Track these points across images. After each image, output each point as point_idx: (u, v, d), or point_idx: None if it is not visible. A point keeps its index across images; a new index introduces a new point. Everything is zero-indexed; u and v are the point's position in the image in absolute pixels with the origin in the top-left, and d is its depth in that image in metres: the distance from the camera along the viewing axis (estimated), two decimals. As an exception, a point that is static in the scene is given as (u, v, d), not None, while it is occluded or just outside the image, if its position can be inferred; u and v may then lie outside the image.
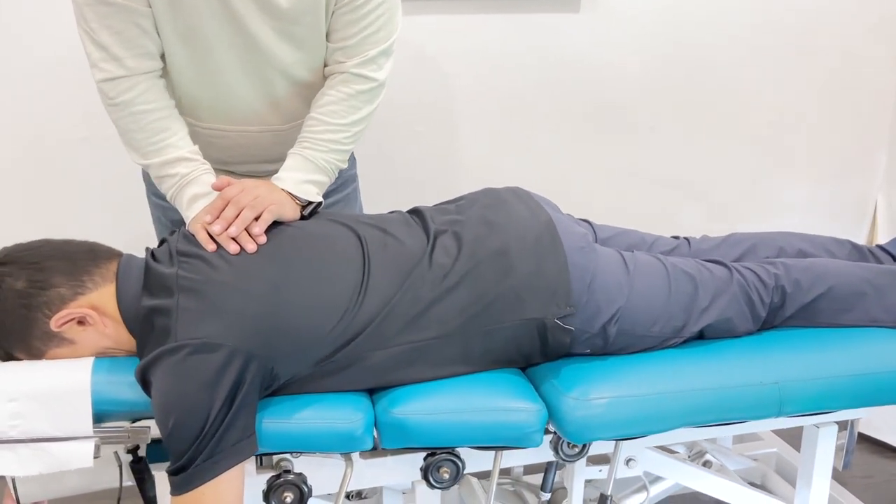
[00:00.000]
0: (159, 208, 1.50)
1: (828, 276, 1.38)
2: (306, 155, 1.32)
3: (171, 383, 1.04)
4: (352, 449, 1.16)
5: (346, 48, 1.31)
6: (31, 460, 1.07)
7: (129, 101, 1.25)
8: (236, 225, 1.17)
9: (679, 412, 1.21)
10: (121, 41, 1.22)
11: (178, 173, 1.28)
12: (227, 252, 1.15)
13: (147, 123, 1.27)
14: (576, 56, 2.04)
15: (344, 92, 1.32)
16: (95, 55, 1.23)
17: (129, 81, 1.25)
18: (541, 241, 1.23)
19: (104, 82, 1.24)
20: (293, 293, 1.12)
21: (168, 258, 1.16)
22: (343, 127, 1.33)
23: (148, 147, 1.28)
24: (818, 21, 2.14)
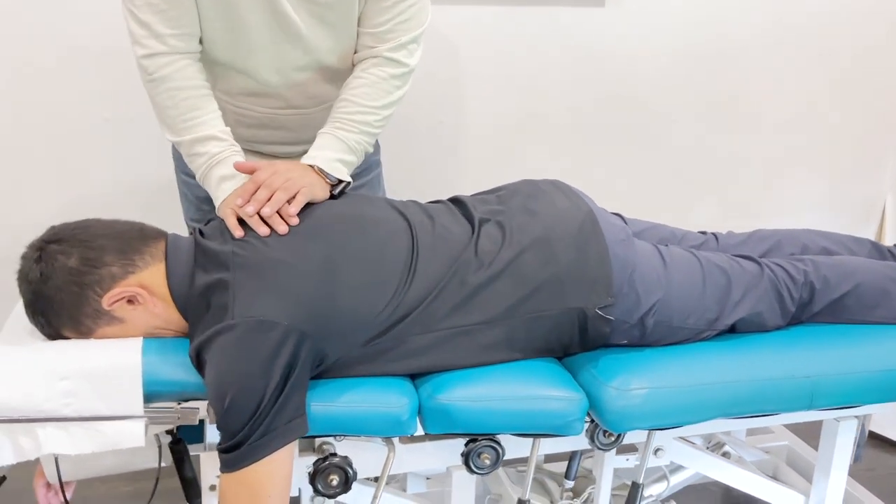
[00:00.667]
0: (186, 185, 1.52)
1: (855, 274, 1.42)
2: (338, 135, 1.33)
3: (228, 361, 1.04)
4: (397, 433, 1.17)
5: (379, 34, 1.33)
6: (82, 439, 1.08)
7: (166, 77, 1.27)
8: (269, 206, 1.17)
9: (716, 403, 1.24)
10: (164, 20, 1.24)
11: (208, 152, 1.28)
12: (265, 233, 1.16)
13: (181, 100, 1.28)
14: (599, 50, 2.05)
15: (376, 75, 1.34)
16: (138, 32, 1.25)
17: (168, 58, 1.26)
18: (583, 232, 1.25)
19: (145, 58, 1.26)
20: (347, 274, 1.14)
21: (220, 235, 1.17)
22: (374, 109, 1.35)
23: (180, 124, 1.29)
24: (834, 23, 2.17)
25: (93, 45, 1.81)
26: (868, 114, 2.29)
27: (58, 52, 1.80)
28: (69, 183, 1.90)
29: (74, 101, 1.84)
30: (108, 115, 1.87)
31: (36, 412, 1.06)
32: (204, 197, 1.46)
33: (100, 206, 1.92)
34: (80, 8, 1.78)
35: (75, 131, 1.87)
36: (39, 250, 1.12)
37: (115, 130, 1.89)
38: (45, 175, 1.88)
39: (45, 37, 1.79)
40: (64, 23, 1.78)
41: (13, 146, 1.85)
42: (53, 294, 1.11)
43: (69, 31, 1.79)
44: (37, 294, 1.11)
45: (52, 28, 1.78)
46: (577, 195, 1.34)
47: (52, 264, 1.11)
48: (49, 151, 1.87)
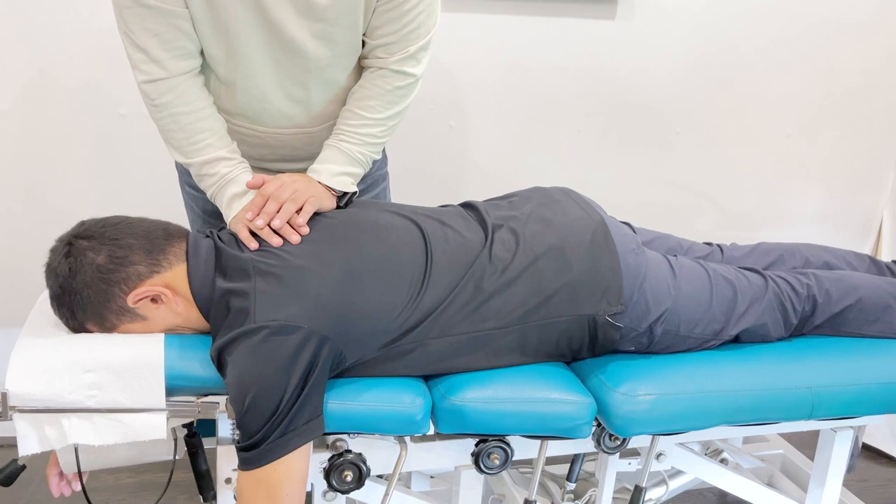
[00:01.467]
0: (191, 197, 1.51)
1: (857, 289, 1.46)
2: (342, 147, 1.33)
3: (250, 363, 1.07)
4: (410, 432, 1.20)
5: (388, 45, 1.30)
6: (106, 430, 1.10)
7: (168, 103, 1.26)
8: (279, 218, 1.20)
9: (721, 411, 1.27)
10: (160, 43, 1.21)
11: (218, 173, 1.29)
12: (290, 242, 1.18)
13: (187, 124, 1.28)
14: (608, 61, 2.09)
15: (382, 87, 1.33)
16: (136, 57, 1.23)
17: (169, 83, 1.25)
18: (595, 241, 1.28)
19: (145, 84, 1.25)
20: (365, 279, 1.16)
21: (237, 243, 1.20)
22: (379, 121, 1.34)
23: (188, 147, 1.29)
24: (838, 41, 2.22)
25: (109, 41, 1.83)
26: (868, 130, 2.33)
27: (74, 48, 1.82)
28: (86, 177, 1.92)
29: (90, 97, 1.87)
30: (123, 111, 1.90)
31: (61, 403, 1.09)
32: (211, 210, 1.47)
33: (117, 200, 1.94)
34: (95, 3, 1.80)
35: (91, 127, 1.89)
36: (69, 245, 1.14)
37: (130, 126, 1.91)
38: (62, 170, 1.91)
39: (62, 33, 1.81)
40: (80, 18, 1.80)
41: (30, 141, 1.87)
42: (81, 289, 1.13)
43: (85, 26, 1.81)
44: (64, 288, 1.14)
45: (69, 24, 1.80)
46: (588, 204, 1.37)
47: (81, 260, 1.13)
48: (65, 147, 1.89)
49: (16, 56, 1.80)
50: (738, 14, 2.12)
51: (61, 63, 1.83)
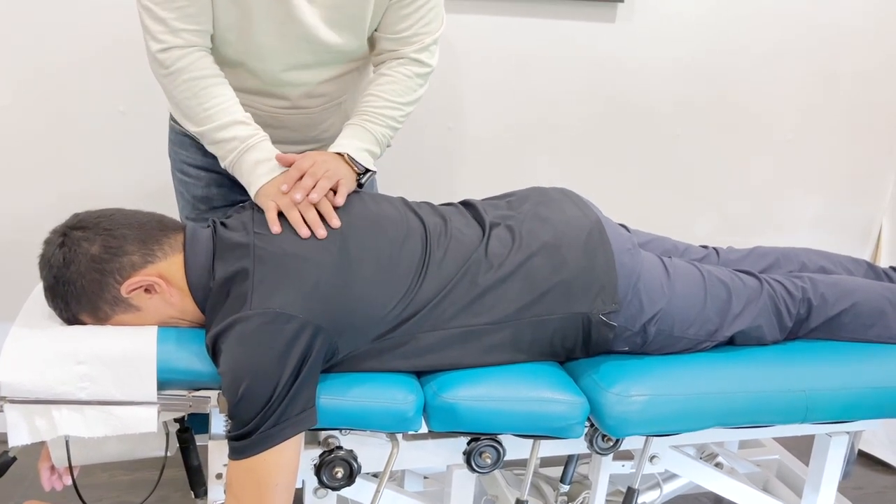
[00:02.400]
0: (183, 184, 1.54)
1: (853, 293, 1.45)
2: (367, 126, 1.38)
3: (244, 351, 1.07)
4: (402, 429, 1.20)
5: (403, 38, 1.39)
6: (97, 422, 1.10)
7: (183, 68, 1.27)
8: (316, 192, 1.21)
9: (714, 413, 1.27)
10: (181, 16, 1.25)
11: (237, 136, 1.29)
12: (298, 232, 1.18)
13: (201, 89, 1.29)
14: (608, 64, 2.09)
15: (403, 73, 1.40)
16: (154, 28, 1.25)
17: (183, 50, 1.27)
18: (591, 240, 1.28)
19: (160, 52, 1.26)
20: (363, 271, 1.17)
21: (242, 228, 1.19)
22: (400, 105, 1.40)
23: (202, 113, 1.30)
24: (838, 47, 2.22)
25: (110, 37, 1.83)
26: (867, 136, 2.33)
27: (74, 45, 1.83)
28: (86, 174, 1.92)
29: (91, 94, 1.87)
30: (123, 107, 1.90)
31: (52, 394, 1.09)
32: (201, 196, 1.51)
33: (116, 196, 1.95)
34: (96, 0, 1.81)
35: (91, 123, 1.89)
36: (63, 236, 1.15)
37: (130, 123, 1.91)
38: (63, 166, 1.91)
39: (62, 29, 1.81)
40: (81, 15, 1.81)
41: (30, 137, 1.88)
42: (75, 279, 1.13)
43: (86, 23, 1.82)
44: (58, 278, 1.14)
45: (69, 20, 1.81)
46: (585, 203, 1.37)
47: (75, 250, 1.13)
48: (65, 143, 1.90)
49: (16, 52, 1.81)
50: (738, 18, 2.13)
51: (62, 60, 1.83)
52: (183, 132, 1.49)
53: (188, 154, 1.50)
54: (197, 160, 1.50)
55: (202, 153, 1.47)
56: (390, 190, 1.94)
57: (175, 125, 1.52)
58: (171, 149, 1.55)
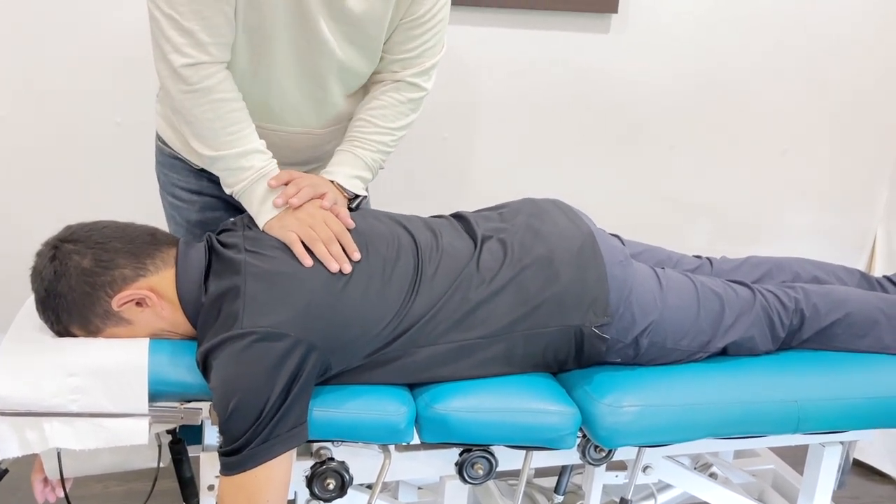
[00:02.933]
0: (175, 208, 1.49)
1: (845, 304, 1.45)
2: (356, 153, 1.37)
3: (235, 368, 1.07)
4: (394, 441, 1.20)
5: (406, 59, 1.36)
6: (88, 434, 1.10)
7: (210, 88, 1.22)
8: (298, 198, 1.23)
9: (706, 423, 1.27)
10: (207, 27, 1.19)
11: (254, 166, 1.26)
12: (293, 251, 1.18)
13: (225, 112, 1.24)
14: (602, 74, 2.10)
15: (396, 98, 1.38)
16: (179, 40, 1.18)
17: (212, 68, 1.22)
18: (583, 252, 1.29)
19: (186, 67, 1.20)
20: (355, 288, 1.17)
21: (235, 245, 1.20)
22: (391, 130, 1.39)
23: (224, 137, 1.25)
24: (832, 57, 2.23)
25: (106, 49, 1.84)
26: (861, 146, 2.34)
27: (71, 57, 1.84)
28: (82, 185, 1.93)
29: (87, 105, 1.88)
30: (119, 119, 1.91)
31: (43, 407, 1.09)
32: (196, 221, 1.46)
33: (111, 207, 1.95)
34: (94, 12, 1.81)
35: (87, 134, 1.90)
36: (55, 248, 1.15)
37: (126, 134, 1.92)
38: (59, 177, 1.91)
39: (58, 41, 1.82)
40: (76, 26, 1.82)
41: (26, 148, 1.88)
42: (65, 292, 1.13)
43: (82, 35, 1.82)
44: (49, 291, 1.14)
45: (65, 32, 1.82)
46: (577, 215, 1.38)
47: (67, 263, 1.13)
48: (61, 154, 1.90)
49: (11, 63, 1.82)
50: (732, 30, 2.14)
51: (58, 71, 1.84)
52: (174, 155, 1.45)
53: (180, 177, 1.46)
54: (190, 184, 1.46)
55: (195, 176, 1.45)
56: (385, 199, 1.95)
57: (165, 147, 1.46)
58: (160, 170, 1.50)
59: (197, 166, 1.44)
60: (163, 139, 1.46)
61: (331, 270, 1.16)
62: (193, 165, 1.44)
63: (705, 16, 2.11)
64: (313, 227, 1.20)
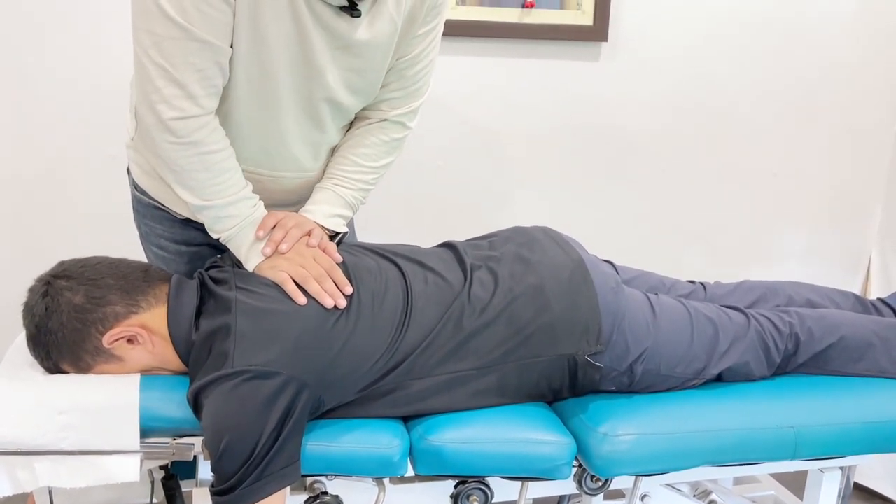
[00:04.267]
0: (162, 260, 1.43)
1: (840, 327, 1.45)
2: (337, 191, 1.35)
3: (226, 406, 1.06)
4: (388, 474, 1.19)
5: (395, 99, 1.35)
6: (79, 472, 1.09)
7: (199, 141, 1.18)
8: (287, 242, 1.22)
9: (702, 451, 1.26)
10: (200, 79, 1.14)
11: (240, 214, 1.24)
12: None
13: (213, 163, 1.21)
14: (593, 102, 2.11)
15: (380, 138, 1.37)
16: (168, 91, 1.13)
17: (201, 121, 1.18)
18: (574, 280, 1.29)
19: (176, 121, 1.15)
20: (345, 323, 1.16)
21: (226, 282, 1.19)
22: (373, 169, 1.37)
23: (211, 188, 1.22)
24: (821, 81, 2.25)
25: (99, 83, 1.85)
26: (853, 169, 2.35)
27: (63, 90, 1.85)
28: (75, 218, 1.93)
29: (80, 138, 1.88)
30: (113, 151, 1.91)
31: (33, 445, 1.08)
32: (185, 272, 1.38)
33: (105, 242, 1.94)
34: (86, 45, 1.82)
35: (81, 168, 1.90)
36: (47, 284, 1.15)
37: (120, 167, 1.92)
38: (52, 210, 1.92)
39: (51, 74, 1.83)
40: (71, 62, 1.83)
41: (19, 182, 1.89)
42: (56, 329, 1.13)
43: (74, 68, 1.83)
44: (40, 328, 1.14)
45: (60, 66, 1.83)
46: (567, 243, 1.38)
47: (58, 300, 1.13)
48: (55, 187, 1.91)
49: (7, 97, 1.83)
50: (721, 56, 2.16)
51: (50, 105, 1.85)
52: (155, 205, 1.38)
53: (163, 228, 1.40)
54: (176, 234, 1.40)
55: (181, 226, 1.39)
56: (380, 227, 1.95)
57: (143, 196, 1.40)
58: (140, 221, 1.44)
59: (181, 216, 1.38)
60: (141, 188, 1.40)
61: (325, 306, 1.16)
62: (177, 215, 1.39)
63: (694, 42, 2.13)
64: (304, 265, 1.19)
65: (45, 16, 1.80)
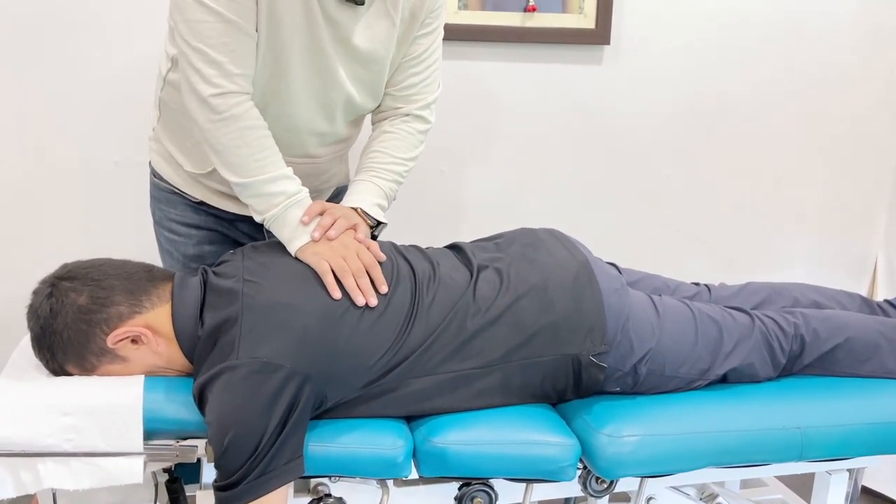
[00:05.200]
0: (171, 242, 1.51)
1: (845, 328, 1.44)
2: (376, 182, 1.40)
3: (230, 401, 1.07)
4: (392, 475, 1.18)
5: (408, 96, 1.44)
6: (82, 474, 1.09)
7: (239, 115, 1.24)
8: (335, 229, 1.25)
9: (708, 452, 1.26)
10: (234, 59, 1.23)
11: (285, 192, 1.27)
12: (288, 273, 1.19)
13: (254, 139, 1.26)
14: (596, 105, 2.11)
15: (406, 130, 1.44)
16: (207, 71, 1.22)
17: (239, 97, 1.25)
18: (579, 281, 1.28)
19: (215, 97, 1.22)
20: (352, 319, 1.16)
21: (233, 275, 1.20)
22: (404, 161, 1.44)
23: (253, 164, 1.26)
24: (825, 84, 2.24)
25: (104, 90, 1.86)
26: (858, 172, 2.34)
27: (68, 95, 1.85)
28: (79, 224, 1.94)
29: (84, 145, 1.89)
30: (118, 158, 1.92)
31: (37, 447, 1.08)
32: (193, 255, 1.48)
33: (110, 246, 1.95)
34: (90, 54, 1.83)
35: (85, 174, 1.91)
36: (52, 286, 1.15)
37: (125, 174, 1.93)
38: (56, 217, 1.92)
39: (55, 82, 1.84)
40: (74, 66, 1.84)
41: (23, 188, 1.90)
42: (61, 330, 1.13)
43: (79, 76, 1.84)
44: (44, 329, 1.14)
45: (63, 73, 1.84)
46: (573, 244, 1.38)
47: (63, 301, 1.14)
48: (59, 194, 1.91)
49: (7, 103, 1.84)
50: (724, 59, 2.15)
51: (57, 112, 1.86)
52: (171, 189, 1.48)
53: (177, 212, 1.48)
54: (188, 217, 1.48)
55: (193, 210, 1.47)
56: (384, 233, 1.95)
57: (161, 182, 1.49)
58: (156, 206, 1.53)
59: (195, 200, 1.46)
60: (159, 174, 1.49)
61: (357, 304, 1.18)
62: (191, 199, 1.46)
63: (698, 46, 2.13)
64: (346, 257, 1.21)
65: (48, 22, 1.81)
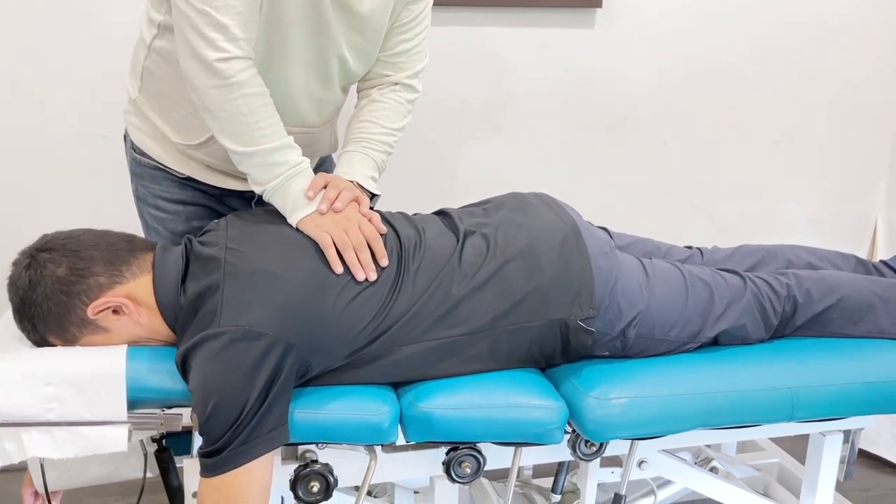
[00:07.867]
0: (158, 220, 1.47)
1: (838, 288, 1.43)
2: (367, 153, 1.38)
3: (213, 368, 1.06)
4: (378, 441, 1.18)
5: (397, 63, 1.42)
6: (66, 443, 1.09)
7: (243, 82, 1.20)
8: (341, 201, 1.24)
9: (696, 413, 1.25)
10: (241, 22, 1.19)
11: (289, 161, 1.25)
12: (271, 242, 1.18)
13: (259, 107, 1.23)
14: (589, 70, 2.09)
15: (395, 100, 1.43)
16: (213, 35, 1.17)
17: (244, 62, 1.21)
18: (567, 244, 1.27)
19: (220, 61, 1.18)
20: (336, 287, 1.15)
21: (216, 243, 1.18)
22: (393, 131, 1.42)
23: (257, 132, 1.23)
24: (823, 46, 2.20)
25: (92, 65, 1.85)
26: (857, 135, 2.31)
27: (57, 72, 1.84)
28: (67, 199, 1.93)
29: (73, 120, 1.88)
30: (106, 132, 1.91)
31: (20, 417, 1.08)
32: (181, 231, 1.45)
33: (96, 221, 1.95)
34: (79, 28, 1.82)
35: (74, 148, 1.90)
36: (30, 258, 1.15)
37: (113, 147, 1.92)
38: (45, 191, 1.92)
39: (44, 56, 1.83)
40: (63, 40, 1.82)
41: (12, 162, 1.89)
42: (41, 301, 1.13)
43: (68, 51, 1.83)
44: (24, 300, 1.14)
45: (51, 48, 1.83)
46: (561, 208, 1.36)
47: (41, 272, 1.13)
48: (48, 168, 1.91)
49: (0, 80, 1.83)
50: (719, 22, 2.12)
51: (46, 86, 1.85)
52: (155, 165, 1.43)
53: (163, 188, 1.44)
54: (174, 194, 1.44)
55: (179, 186, 1.44)
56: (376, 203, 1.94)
57: (143, 158, 1.44)
58: (138, 183, 1.48)
59: (181, 175, 1.44)
60: (141, 150, 1.44)
61: (357, 278, 1.17)
62: (177, 175, 1.44)
63: (691, 8, 2.09)
64: (347, 230, 1.20)
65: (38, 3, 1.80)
